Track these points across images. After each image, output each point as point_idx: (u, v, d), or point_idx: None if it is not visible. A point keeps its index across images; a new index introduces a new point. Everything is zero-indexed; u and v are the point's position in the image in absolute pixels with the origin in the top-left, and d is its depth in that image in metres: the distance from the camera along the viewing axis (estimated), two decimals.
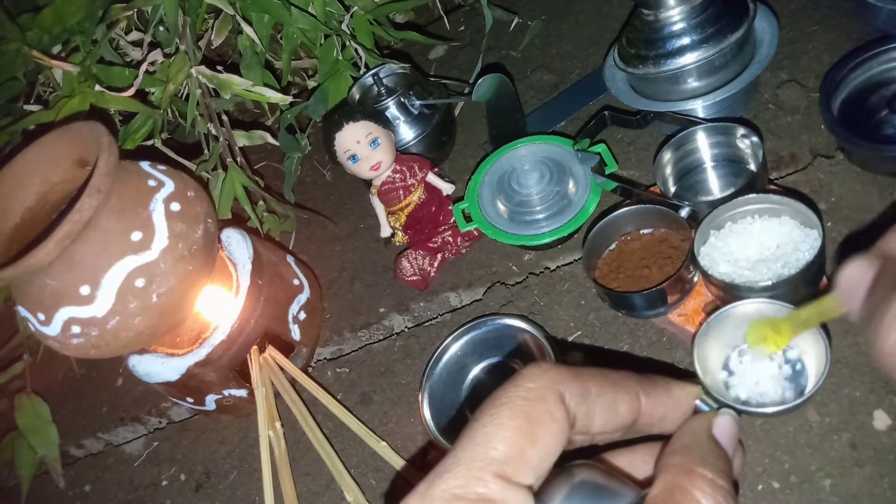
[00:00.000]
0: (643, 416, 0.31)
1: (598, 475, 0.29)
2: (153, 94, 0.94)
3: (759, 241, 0.58)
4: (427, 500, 0.25)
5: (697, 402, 0.33)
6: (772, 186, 0.67)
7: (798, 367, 0.51)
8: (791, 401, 0.48)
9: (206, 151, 0.91)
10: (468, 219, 0.78)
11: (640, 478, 0.32)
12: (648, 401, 0.31)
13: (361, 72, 0.92)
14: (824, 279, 0.59)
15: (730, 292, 0.57)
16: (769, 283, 0.54)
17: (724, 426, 0.31)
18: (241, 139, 0.94)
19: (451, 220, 0.81)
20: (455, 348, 0.69)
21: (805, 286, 0.57)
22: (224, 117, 0.91)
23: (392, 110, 0.84)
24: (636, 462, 0.33)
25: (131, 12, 0.96)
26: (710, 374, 0.51)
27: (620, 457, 0.33)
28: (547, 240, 0.72)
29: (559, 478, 0.28)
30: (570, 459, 0.30)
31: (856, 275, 0.30)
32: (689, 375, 0.52)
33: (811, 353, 0.51)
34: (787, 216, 0.58)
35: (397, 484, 0.68)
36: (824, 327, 0.50)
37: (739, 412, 0.33)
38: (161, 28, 0.96)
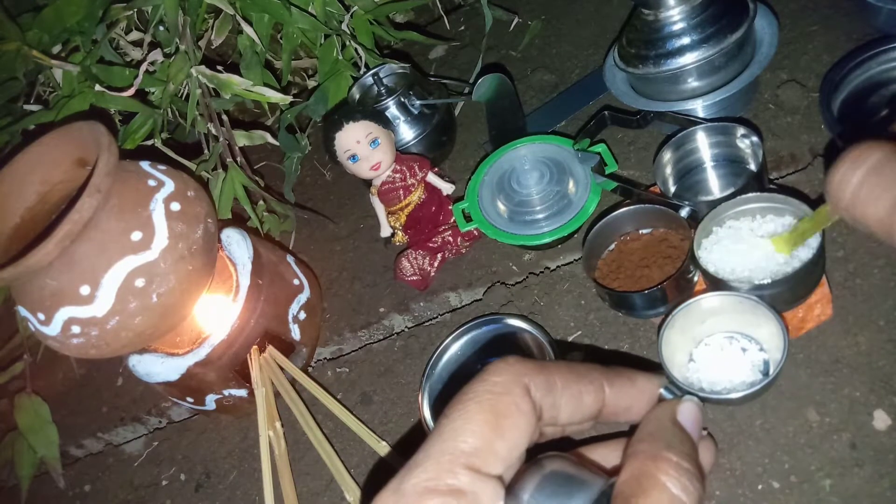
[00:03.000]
0: (608, 406, 0.32)
1: (568, 465, 0.30)
2: (153, 94, 0.94)
3: (760, 239, 0.58)
4: (400, 494, 0.26)
5: (662, 391, 0.34)
6: (771, 186, 0.67)
7: (759, 355, 0.54)
8: (752, 387, 0.51)
9: (206, 151, 0.91)
10: (468, 219, 0.78)
11: (612, 468, 0.33)
12: (613, 391, 0.32)
13: (361, 72, 0.92)
14: (823, 279, 0.59)
15: (728, 290, 0.57)
16: (768, 281, 0.54)
17: (687, 412, 0.32)
18: (241, 139, 0.94)
19: (451, 220, 0.81)
20: (455, 348, 0.69)
21: (805, 286, 0.57)
22: (224, 117, 0.91)
23: (392, 110, 0.84)
24: (610, 456, 0.34)
25: (131, 12, 0.96)
26: (675, 366, 0.54)
27: (595, 450, 0.34)
28: (547, 240, 0.72)
29: (530, 469, 0.29)
30: (546, 451, 0.31)
31: (838, 177, 0.34)
32: (657, 367, 0.54)
33: (771, 343, 0.53)
34: (789, 216, 0.58)
35: (377, 477, 0.68)
36: (785, 323, 0.52)
37: (703, 399, 0.34)
38: (161, 28, 0.96)
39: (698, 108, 0.73)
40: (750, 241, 0.58)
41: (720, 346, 0.56)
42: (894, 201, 0.31)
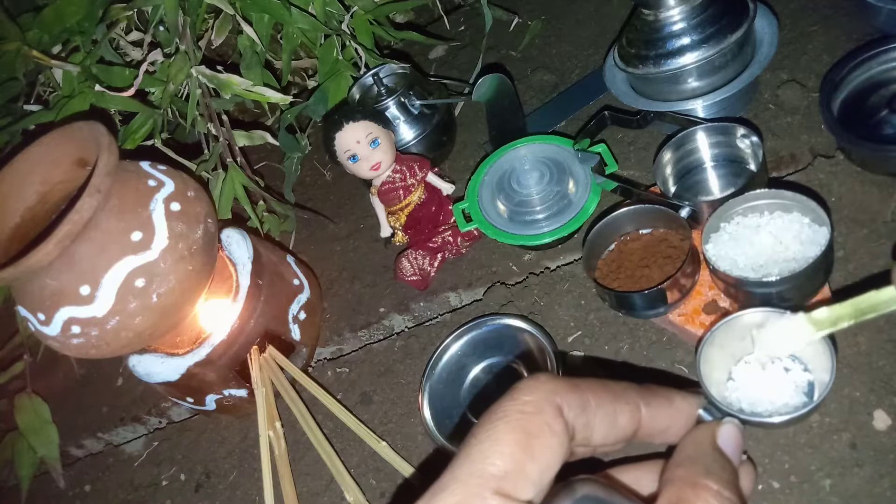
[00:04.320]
0: (644, 427, 0.30)
1: (600, 490, 0.28)
2: (153, 94, 0.94)
3: (768, 236, 0.58)
4: None
5: (700, 411, 0.32)
6: (787, 180, 0.67)
7: (803, 376, 0.50)
8: (796, 410, 0.47)
9: (206, 151, 0.91)
10: (468, 219, 0.78)
11: (647, 494, 0.32)
12: (649, 411, 0.30)
13: (361, 72, 0.92)
14: (826, 287, 0.58)
15: (736, 286, 0.57)
16: (776, 278, 0.54)
17: (728, 436, 0.30)
18: (241, 139, 0.94)
19: (451, 220, 0.81)
20: (455, 348, 0.69)
21: (812, 283, 0.56)
22: (224, 117, 0.91)
23: (392, 110, 0.84)
24: (644, 479, 0.32)
25: (131, 12, 0.96)
26: (714, 384, 0.51)
27: (627, 473, 0.33)
28: (547, 240, 0.72)
29: (561, 493, 0.28)
30: (575, 473, 0.29)
31: None
32: (690, 381, 0.52)
33: (817, 363, 0.50)
34: (797, 212, 0.57)
35: (400, 491, 0.67)
36: (831, 336, 0.49)
37: (744, 421, 0.32)
38: (161, 28, 0.96)
39: (698, 108, 0.73)
40: (759, 237, 0.58)
41: (761, 365, 0.52)
42: None
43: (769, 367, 0.51)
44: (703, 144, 0.69)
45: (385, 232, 0.84)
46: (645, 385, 0.31)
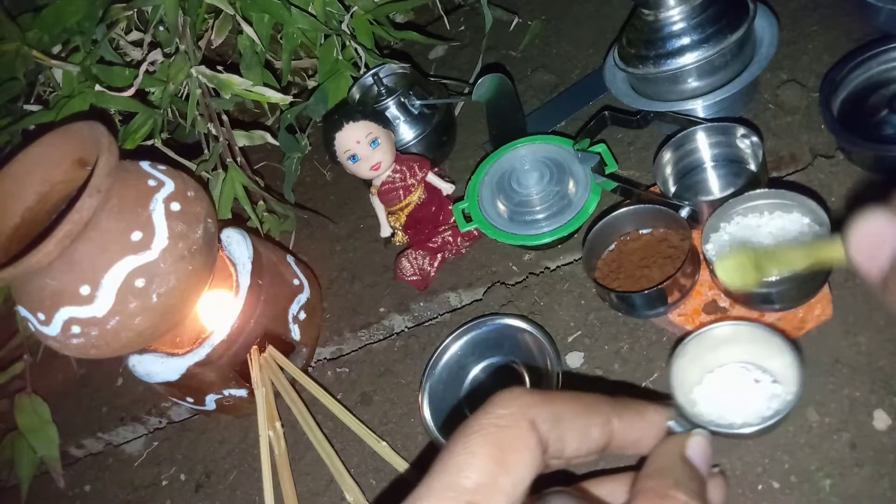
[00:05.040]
0: (616, 439, 0.31)
1: (573, 502, 0.29)
2: (153, 94, 0.94)
3: (768, 236, 0.58)
4: None
5: (671, 423, 0.33)
6: (787, 180, 0.67)
7: (772, 388, 0.50)
8: (764, 421, 0.48)
9: (206, 151, 0.91)
10: (468, 219, 0.78)
11: None
12: (621, 424, 0.31)
13: (361, 72, 0.92)
14: (826, 287, 0.58)
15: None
16: (776, 278, 0.54)
17: (697, 447, 0.31)
18: (241, 139, 0.94)
19: (451, 220, 0.81)
20: (455, 348, 0.69)
21: (812, 284, 0.57)
22: (224, 117, 0.91)
23: (392, 110, 0.84)
24: (616, 491, 0.33)
25: (131, 12, 0.96)
26: (685, 396, 0.51)
27: (602, 486, 0.33)
28: (547, 240, 0.72)
29: None
30: (548, 485, 0.30)
31: (874, 234, 0.25)
32: (666, 396, 0.51)
33: (785, 376, 0.50)
34: (797, 212, 0.58)
35: (396, 489, 0.67)
36: (796, 346, 0.48)
37: (713, 433, 0.33)
38: (161, 28, 0.96)
39: (698, 108, 0.73)
40: (759, 237, 0.58)
41: (732, 377, 0.52)
42: None
43: (739, 379, 0.51)
44: (703, 144, 0.69)
45: (385, 232, 0.84)
46: (617, 397, 0.32)
